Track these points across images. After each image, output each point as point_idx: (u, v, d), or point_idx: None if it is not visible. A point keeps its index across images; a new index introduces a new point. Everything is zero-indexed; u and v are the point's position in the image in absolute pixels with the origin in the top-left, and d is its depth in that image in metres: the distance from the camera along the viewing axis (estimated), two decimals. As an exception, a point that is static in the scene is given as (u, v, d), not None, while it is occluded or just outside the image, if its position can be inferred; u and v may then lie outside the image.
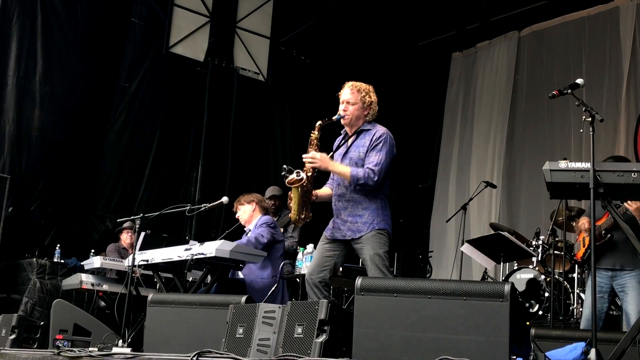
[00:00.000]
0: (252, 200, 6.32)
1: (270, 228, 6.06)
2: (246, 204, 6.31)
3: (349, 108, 4.62)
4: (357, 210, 4.52)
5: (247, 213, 6.29)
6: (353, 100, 4.63)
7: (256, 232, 6.02)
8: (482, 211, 10.43)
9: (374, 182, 4.44)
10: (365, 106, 4.64)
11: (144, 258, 5.66)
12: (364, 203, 4.52)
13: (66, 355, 4.26)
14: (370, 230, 4.47)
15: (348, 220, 4.53)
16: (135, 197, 9.44)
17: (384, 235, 4.47)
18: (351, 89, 4.66)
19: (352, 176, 4.46)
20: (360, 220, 4.49)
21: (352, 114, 4.62)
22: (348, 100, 4.63)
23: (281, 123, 10.84)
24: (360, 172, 4.46)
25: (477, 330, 3.17)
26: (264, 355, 3.72)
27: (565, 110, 9.72)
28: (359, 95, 4.64)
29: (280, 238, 6.21)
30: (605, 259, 5.13)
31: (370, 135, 4.59)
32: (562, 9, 10.26)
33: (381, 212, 4.52)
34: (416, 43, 11.95)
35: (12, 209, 8.20)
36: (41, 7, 8.74)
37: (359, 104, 4.63)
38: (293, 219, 4.60)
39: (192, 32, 10.05)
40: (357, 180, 4.44)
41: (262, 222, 6.13)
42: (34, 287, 7.61)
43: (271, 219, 6.24)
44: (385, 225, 4.51)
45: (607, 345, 3.59)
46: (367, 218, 4.49)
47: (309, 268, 4.65)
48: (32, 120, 8.60)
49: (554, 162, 3.64)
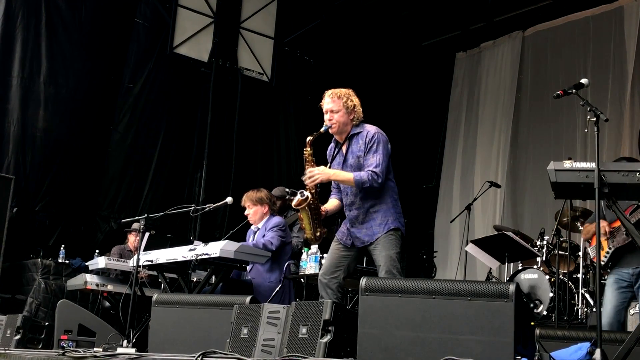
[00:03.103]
0: (264, 202, 6.21)
1: (281, 231, 6.00)
2: (259, 206, 6.21)
3: (334, 117, 4.61)
4: (370, 215, 4.54)
5: (258, 214, 6.22)
6: (336, 107, 4.61)
7: (266, 237, 5.98)
8: (487, 211, 10.42)
9: (379, 183, 4.47)
10: (349, 111, 4.62)
11: (149, 258, 5.66)
12: (375, 206, 4.54)
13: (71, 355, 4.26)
14: (386, 232, 4.49)
15: (363, 227, 4.55)
16: (140, 198, 9.44)
17: (395, 236, 4.48)
18: (331, 97, 4.64)
19: (356, 181, 4.47)
20: (375, 224, 4.51)
21: (339, 122, 4.61)
22: (331, 109, 4.62)
23: (285, 123, 10.85)
24: (364, 175, 4.46)
25: (482, 330, 3.17)
26: (268, 355, 3.73)
27: (570, 110, 9.70)
28: (340, 101, 4.62)
29: (289, 240, 6.18)
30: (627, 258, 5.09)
31: (363, 138, 4.59)
32: (566, 9, 10.25)
33: (393, 210, 4.54)
34: (420, 43, 11.94)
35: (17, 209, 8.21)
36: (45, 8, 8.76)
37: (342, 110, 4.61)
38: (310, 238, 4.64)
39: (196, 33, 10.06)
40: (362, 184, 4.46)
41: (273, 226, 6.06)
42: (38, 287, 7.62)
43: (282, 221, 6.17)
44: (398, 224, 4.53)
45: (612, 345, 3.58)
46: (381, 220, 4.51)
47: (323, 268, 4.68)
48: (37, 120, 8.61)
49: (559, 162, 3.64)
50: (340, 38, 11.18)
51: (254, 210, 6.22)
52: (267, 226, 6.11)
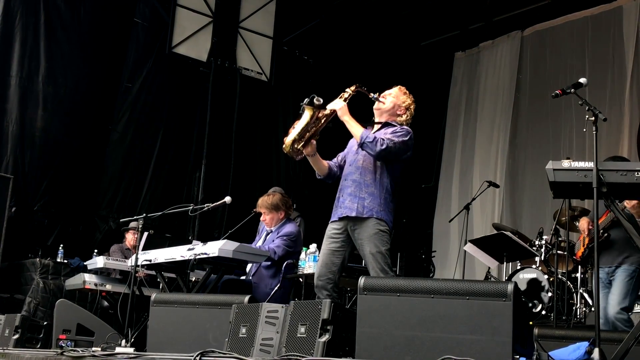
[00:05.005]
0: (280, 208, 6.16)
1: (290, 241, 5.97)
2: (274, 212, 6.16)
3: (387, 98, 4.68)
4: (361, 192, 4.50)
5: (274, 220, 6.18)
6: (394, 94, 4.71)
7: (274, 244, 5.95)
8: (485, 211, 10.43)
9: (379, 149, 4.39)
10: (400, 105, 4.68)
11: (147, 258, 5.66)
12: (369, 188, 4.49)
13: (69, 355, 4.26)
14: (369, 217, 4.44)
15: (347, 199, 4.51)
16: (139, 197, 9.44)
17: (385, 233, 4.45)
18: (399, 88, 4.76)
19: (361, 136, 4.45)
20: (361, 203, 4.46)
21: (387, 105, 4.65)
22: (390, 93, 4.71)
23: (284, 123, 10.81)
24: (371, 136, 4.45)
25: (480, 329, 3.16)
26: (266, 355, 3.72)
27: (568, 110, 9.71)
28: (400, 93, 4.73)
29: (297, 250, 6.07)
30: (603, 257, 5.14)
31: (395, 126, 4.61)
32: (565, 9, 10.25)
33: (384, 203, 4.49)
34: (419, 43, 11.95)
35: (16, 209, 8.21)
36: (44, 7, 8.76)
37: (397, 100, 4.68)
38: (286, 142, 4.52)
39: (195, 32, 10.06)
40: (364, 139, 4.42)
41: (284, 234, 6.03)
42: (37, 287, 7.61)
43: (294, 231, 6.10)
44: (386, 217, 4.47)
45: (611, 344, 3.58)
46: (368, 203, 4.45)
47: (316, 271, 4.63)
48: (35, 120, 8.61)
49: (557, 162, 3.64)
50: (339, 38, 11.18)
51: (270, 216, 6.18)
52: (280, 232, 6.08)
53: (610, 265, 5.15)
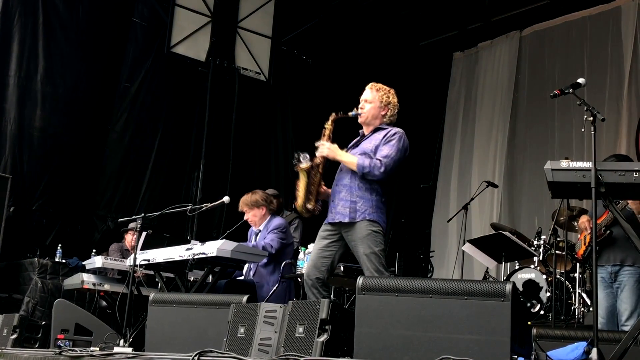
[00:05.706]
0: (261, 204, 6.23)
1: (281, 233, 6.02)
2: (255, 209, 6.23)
3: (365, 106, 4.63)
4: (352, 196, 4.49)
5: (257, 217, 6.24)
6: (370, 98, 4.64)
7: (267, 239, 5.99)
8: (484, 211, 10.42)
9: (380, 172, 4.41)
10: (382, 105, 4.63)
11: (146, 258, 5.66)
12: (359, 191, 4.48)
13: (67, 355, 4.26)
14: (361, 220, 4.43)
15: (339, 204, 4.51)
16: (137, 197, 9.44)
17: (379, 234, 4.44)
18: (370, 88, 4.68)
19: (358, 165, 4.44)
20: (352, 207, 4.45)
21: (369, 112, 4.62)
22: (366, 99, 4.65)
23: (282, 123, 10.84)
24: (367, 161, 4.43)
25: (479, 329, 3.17)
26: (265, 354, 3.72)
27: (567, 110, 9.71)
28: (377, 94, 4.65)
29: (290, 241, 6.18)
30: (605, 255, 5.13)
31: (385, 131, 4.57)
32: (563, 9, 10.25)
33: (375, 206, 4.47)
34: (418, 43, 11.94)
35: (14, 208, 8.20)
36: (42, 7, 8.74)
37: (376, 103, 4.63)
38: (298, 206, 4.58)
39: (194, 32, 10.05)
40: (362, 168, 4.42)
41: (274, 227, 6.07)
42: (35, 286, 7.60)
43: (283, 223, 6.17)
44: (378, 218, 4.46)
45: (609, 344, 3.58)
46: (360, 206, 4.45)
47: (306, 269, 4.63)
48: (34, 120, 8.60)
49: (556, 162, 3.64)
50: (338, 37, 11.18)
51: (252, 213, 6.24)
52: (268, 227, 6.12)
53: (614, 264, 5.12)
